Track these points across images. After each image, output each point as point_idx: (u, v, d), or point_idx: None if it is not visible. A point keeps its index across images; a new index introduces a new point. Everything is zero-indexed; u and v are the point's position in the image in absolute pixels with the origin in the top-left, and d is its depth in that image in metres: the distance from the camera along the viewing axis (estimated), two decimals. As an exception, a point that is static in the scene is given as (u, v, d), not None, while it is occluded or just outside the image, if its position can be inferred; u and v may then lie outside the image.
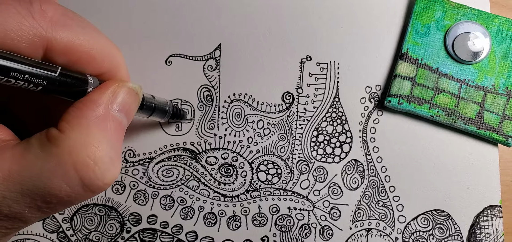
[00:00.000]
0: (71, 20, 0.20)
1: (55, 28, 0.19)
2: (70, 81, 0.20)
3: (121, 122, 0.21)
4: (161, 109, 0.27)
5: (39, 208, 0.19)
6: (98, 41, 0.21)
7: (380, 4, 0.32)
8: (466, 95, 0.30)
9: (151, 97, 0.26)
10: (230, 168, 0.31)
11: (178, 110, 0.30)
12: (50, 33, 0.19)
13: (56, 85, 0.19)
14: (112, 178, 0.20)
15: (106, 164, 0.19)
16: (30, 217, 0.19)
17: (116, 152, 0.20)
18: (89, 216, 0.31)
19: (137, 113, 0.25)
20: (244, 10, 0.32)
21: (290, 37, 0.32)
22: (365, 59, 0.32)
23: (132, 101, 0.22)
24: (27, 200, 0.18)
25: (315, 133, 0.31)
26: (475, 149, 0.31)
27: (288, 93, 0.32)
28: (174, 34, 0.32)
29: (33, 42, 0.18)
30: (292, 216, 0.31)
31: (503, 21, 0.31)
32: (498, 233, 0.31)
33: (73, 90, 0.20)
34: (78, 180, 0.19)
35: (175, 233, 0.31)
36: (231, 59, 0.32)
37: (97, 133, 0.19)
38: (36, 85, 0.18)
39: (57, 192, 0.18)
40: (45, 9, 0.19)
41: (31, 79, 0.18)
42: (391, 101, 0.31)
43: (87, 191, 0.19)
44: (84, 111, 0.19)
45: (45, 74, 0.18)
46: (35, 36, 0.18)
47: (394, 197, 0.31)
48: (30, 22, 0.18)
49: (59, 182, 0.18)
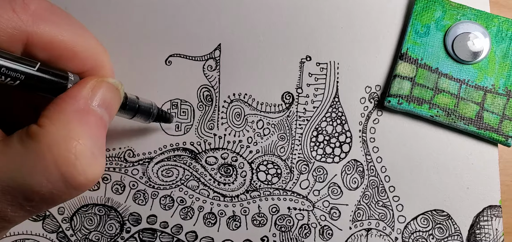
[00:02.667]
0: (54, 15, 0.20)
1: (37, 22, 0.19)
2: (49, 77, 0.19)
3: (102, 117, 0.21)
4: (144, 110, 0.26)
5: (21, 206, 0.19)
6: (82, 38, 0.21)
7: (380, 4, 0.32)
8: (466, 95, 0.30)
9: (135, 98, 0.25)
10: (230, 168, 0.31)
11: (164, 113, 0.29)
12: (31, 27, 0.19)
13: (35, 81, 0.19)
14: (95, 174, 0.19)
15: (88, 158, 0.19)
16: (13, 216, 0.19)
17: (99, 147, 0.20)
18: (88, 216, 0.31)
19: (120, 114, 0.24)
20: (244, 10, 0.32)
21: (290, 37, 0.32)
22: (365, 59, 0.32)
23: (112, 96, 0.22)
24: (8, 197, 0.18)
25: (315, 133, 0.31)
26: (475, 149, 0.31)
27: (287, 93, 0.32)
28: (174, 34, 0.32)
29: (12, 36, 0.18)
30: (292, 216, 0.31)
31: (503, 21, 0.31)
32: (497, 233, 0.31)
33: (52, 86, 0.20)
34: (59, 175, 0.18)
35: (175, 233, 0.31)
36: (231, 59, 0.32)
37: (77, 127, 0.19)
38: (14, 79, 0.18)
39: (38, 188, 0.18)
40: (27, 3, 0.19)
41: (8, 73, 0.18)
42: (391, 101, 0.31)
43: (69, 187, 0.19)
44: (63, 107, 0.19)
45: (22, 69, 0.18)
46: (14, 29, 0.18)
47: (394, 197, 0.31)
48: (9, 15, 0.18)
49: (39, 178, 0.18)
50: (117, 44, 0.31)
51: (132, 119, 0.26)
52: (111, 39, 0.31)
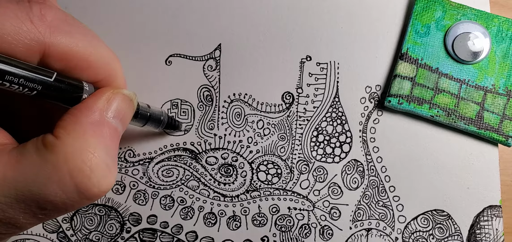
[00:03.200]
0: (70, 26, 0.20)
1: (54, 33, 0.19)
2: (65, 87, 0.20)
3: (117, 129, 0.21)
4: (155, 118, 0.27)
5: (34, 214, 0.19)
6: (96, 48, 0.21)
7: (380, 4, 0.32)
8: (466, 95, 0.30)
9: (146, 107, 0.26)
10: (230, 168, 0.31)
11: (173, 121, 0.29)
12: (48, 38, 0.19)
13: (51, 91, 0.19)
14: (108, 185, 0.20)
15: (102, 170, 0.19)
16: (25, 223, 0.19)
17: (112, 158, 0.20)
18: (89, 216, 0.31)
19: (132, 122, 0.25)
20: (244, 10, 0.32)
21: (290, 37, 0.32)
22: (365, 59, 0.32)
23: (127, 107, 0.22)
24: (22, 205, 0.18)
25: (315, 133, 0.31)
26: (475, 149, 0.31)
27: (288, 93, 0.32)
28: (174, 34, 0.32)
29: (30, 47, 0.18)
30: (292, 216, 0.31)
31: (503, 21, 0.31)
32: (498, 233, 0.31)
33: (68, 96, 0.20)
34: (74, 186, 0.18)
35: (175, 233, 0.31)
36: (231, 59, 0.32)
37: (92, 139, 0.19)
38: (31, 89, 0.18)
39: (52, 198, 0.18)
40: (44, 14, 0.19)
41: (26, 84, 0.18)
42: (391, 101, 0.31)
43: (82, 198, 0.19)
44: (79, 118, 0.19)
45: (40, 79, 0.18)
46: (32, 40, 0.18)
47: (394, 197, 0.31)
48: (28, 27, 0.18)
49: (54, 188, 0.18)
50: (117, 44, 0.31)
51: (143, 127, 0.26)
52: (111, 39, 0.31)
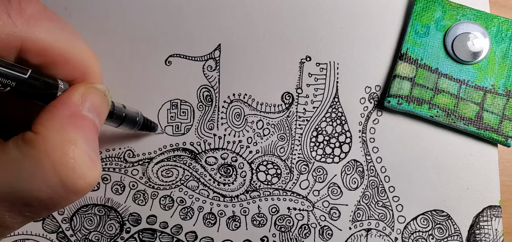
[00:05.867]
0: (49, 20, 0.20)
1: (32, 28, 0.19)
2: (40, 84, 0.19)
3: (94, 122, 0.21)
4: (131, 119, 0.27)
5: (20, 212, 0.18)
6: (75, 45, 0.21)
7: (380, 4, 0.32)
8: (466, 96, 0.30)
9: (122, 107, 0.26)
10: (230, 168, 0.31)
11: (149, 122, 0.29)
12: (25, 33, 0.18)
13: (26, 88, 0.19)
14: (94, 177, 0.19)
15: (86, 161, 0.19)
16: (11, 222, 0.19)
17: (94, 151, 0.20)
18: (88, 216, 0.31)
19: (107, 122, 0.24)
20: (244, 10, 0.32)
21: (290, 37, 0.32)
22: (364, 60, 0.32)
23: (101, 102, 0.22)
24: (6, 204, 0.18)
25: (315, 133, 0.31)
26: (475, 149, 0.31)
27: (287, 93, 0.32)
28: (173, 34, 0.32)
29: (7, 41, 0.18)
30: (292, 216, 0.31)
31: (502, 21, 0.31)
32: (497, 234, 0.31)
33: (43, 93, 0.20)
34: (58, 180, 0.18)
35: (174, 233, 0.31)
36: (230, 60, 0.32)
37: (71, 132, 0.19)
38: (4, 85, 0.18)
39: (37, 194, 0.18)
40: (24, 7, 0.18)
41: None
42: (391, 101, 0.31)
43: (68, 192, 0.19)
44: (56, 113, 0.19)
45: (14, 75, 0.18)
46: (8, 35, 0.18)
47: (394, 197, 0.31)
48: (4, 21, 0.18)
49: (38, 183, 0.18)
50: (117, 44, 0.31)
51: (118, 127, 0.26)
52: (111, 40, 0.31)
